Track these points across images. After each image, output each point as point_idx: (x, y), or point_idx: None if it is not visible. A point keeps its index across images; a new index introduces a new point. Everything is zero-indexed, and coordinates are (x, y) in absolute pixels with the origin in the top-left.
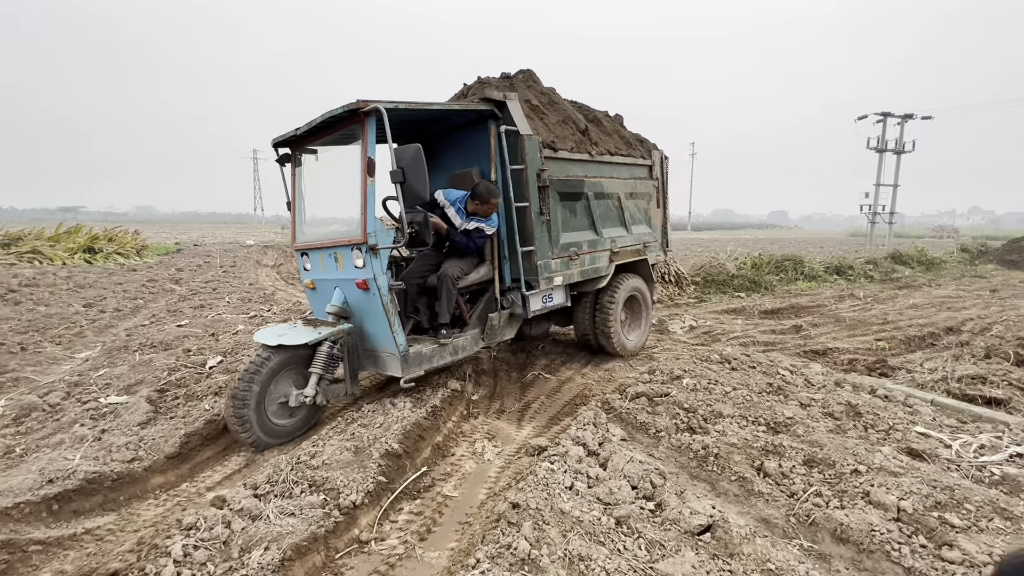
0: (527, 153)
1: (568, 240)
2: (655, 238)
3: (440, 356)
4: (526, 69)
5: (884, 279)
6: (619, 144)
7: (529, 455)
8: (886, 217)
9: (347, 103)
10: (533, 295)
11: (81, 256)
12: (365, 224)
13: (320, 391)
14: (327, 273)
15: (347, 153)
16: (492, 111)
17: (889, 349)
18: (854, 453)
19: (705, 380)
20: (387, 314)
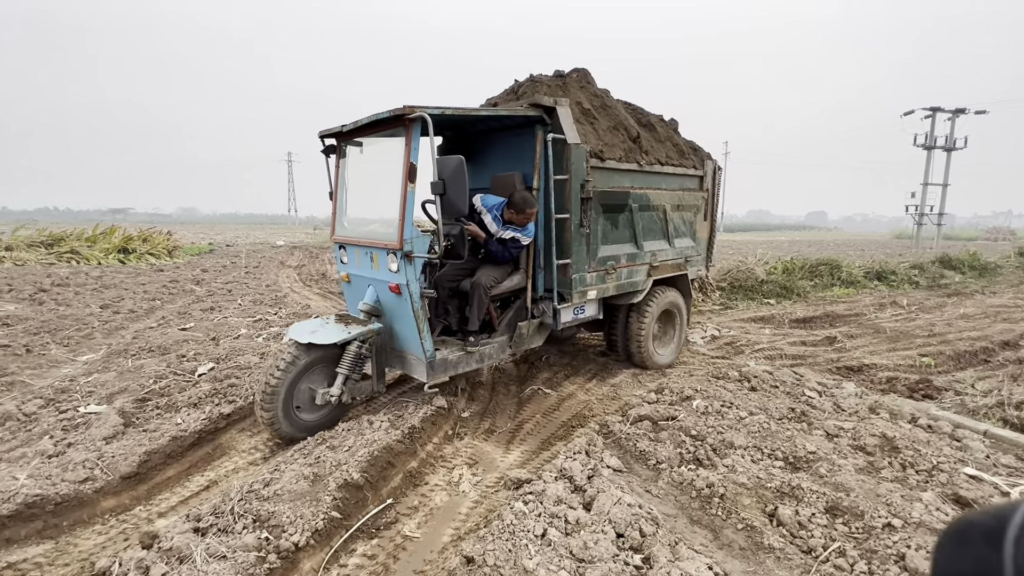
0: (572, 163)
1: (607, 253)
2: (698, 252)
3: (466, 363)
4: (581, 68)
5: (931, 285)
6: (671, 153)
7: (508, 488)
8: (934, 218)
9: (394, 108)
10: (565, 308)
11: (115, 256)
12: (403, 231)
13: (346, 390)
14: (362, 270)
15: (391, 146)
16: (541, 116)
17: (935, 366)
18: (888, 501)
19: (718, 402)
20: (417, 320)
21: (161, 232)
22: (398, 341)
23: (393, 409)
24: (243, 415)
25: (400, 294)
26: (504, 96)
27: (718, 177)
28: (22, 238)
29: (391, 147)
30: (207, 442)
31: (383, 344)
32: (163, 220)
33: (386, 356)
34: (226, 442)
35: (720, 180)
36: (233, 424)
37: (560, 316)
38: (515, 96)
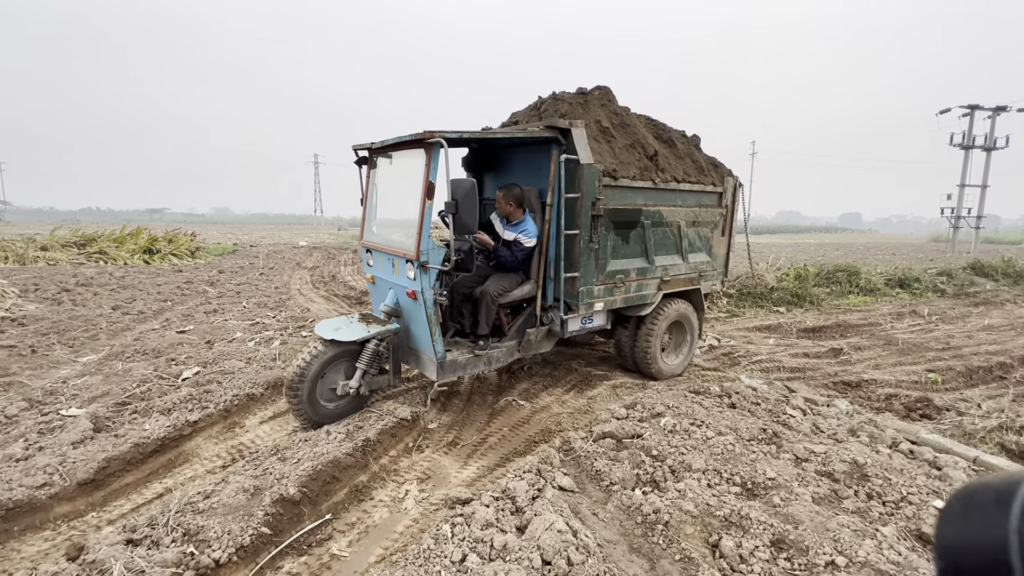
0: (584, 182)
1: (616, 268)
2: (713, 268)
3: (475, 365)
4: (603, 86)
5: (958, 294)
6: (689, 169)
7: (448, 507)
8: (972, 221)
9: (416, 132)
10: (572, 318)
11: (140, 257)
12: (419, 243)
13: (364, 383)
14: (385, 274)
15: (415, 162)
16: (556, 137)
17: (941, 383)
18: (836, 537)
19: (688, 420)
20: (429, 324)
21: (186, 233)
22: (414, 341)
23: (355, 420)
24: (211, 422)
25: (416, 299)
26: (527, 112)
27: (738, 194)
28: (57, 238)
29: (415, 163)
30: (170, 449)
31: (400, 343)
32: (197, 220)
33: (403, 353)
34: (190, 449)
35: (741, 196)
36: (200, 431)
37: (568, 325)
38: (537, 112)
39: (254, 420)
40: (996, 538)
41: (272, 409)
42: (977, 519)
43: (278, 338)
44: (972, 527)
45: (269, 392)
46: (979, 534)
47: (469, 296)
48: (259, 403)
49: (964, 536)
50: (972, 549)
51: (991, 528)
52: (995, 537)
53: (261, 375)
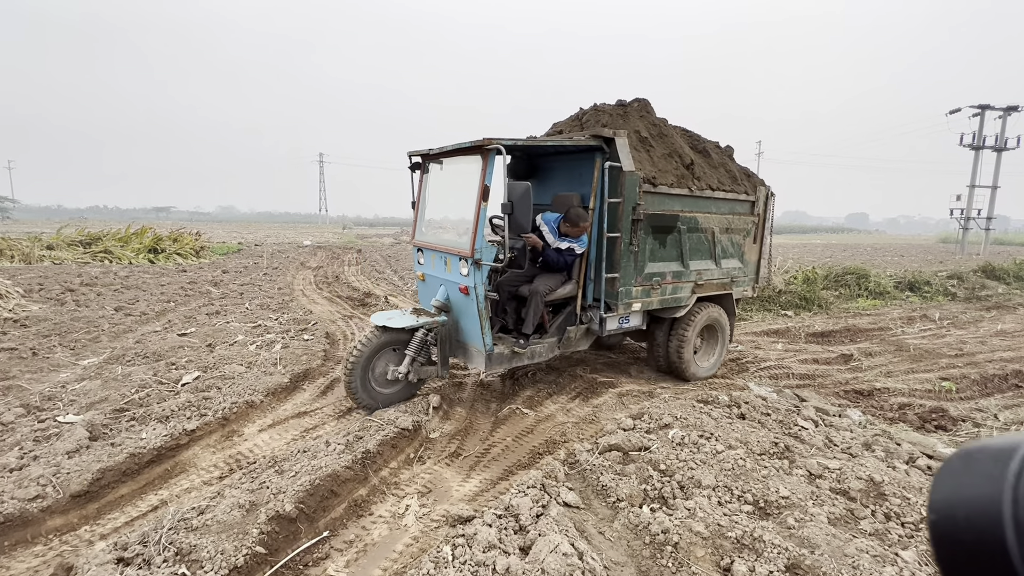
0: (626, 188)
1: (653, 270)
2: (745, 273)
3: (519, 359)
4: (642, 99)
5: (969, 297)
6: (723, 179)
7: (449, 525)
8: (982, 222)
9: (475, 139)
10: (611, 317)
11: (145, 256)
12: (474, 242)
13: (413, 370)
14: (436, 271)
15: (468, 167)
16: (600, 146)
17: (956, 391)
18: (855, 564)
19: (697, 432)
20: (480, 318)
21: (190, 232)
22: (462, 334)
23: (354, 431)
24: (209, 430)
25: (468, 295)
26: (568, 122)
27: (770, 203)
28: (63, 237)
29: (468, 167)
30: (167, 459)
31: (448, 336)
32: (203, 218)
33: (451, 346)
34: (187, 459)
35: (772, 206)
36: (197, 440)
37: (606, 324)
38: (579, 123)
39: (253, 428)
40: (989, 491)
41: (272, 417)
42: (972, 474)
43: (280, 341)
44: (967, 481)
45: (269, 399)
46: (973, 487)
47: (514, 294)
48: (259, 410)
49: (958, 489)
50: (965, 501)
51: (985, 482)
52: (988, 490)
53: (261, 381)
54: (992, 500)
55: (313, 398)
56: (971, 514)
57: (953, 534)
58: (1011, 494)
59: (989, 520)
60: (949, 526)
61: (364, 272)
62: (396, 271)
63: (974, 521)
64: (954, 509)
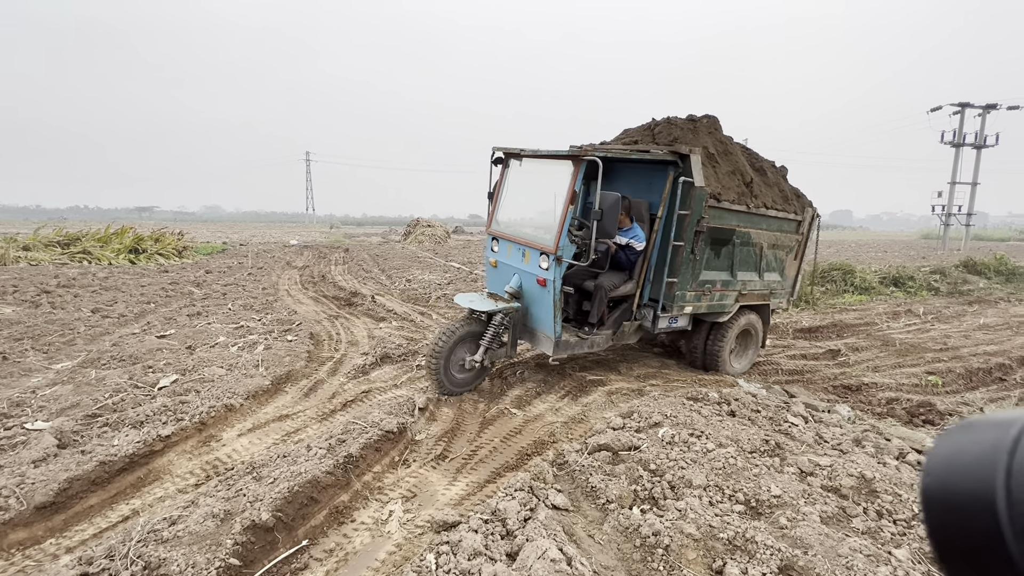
0: (694, 202)
1: (706, 278)
2: (783, 287)
3: (580, 346)
4: (711, 116)
5: (952, 292)
6: (776, 198)
7: (433, 531)
8: (962, 218)
9: (573, 149)
10: (664, 316)
11: (126, 256)
12: (559, 240)
13: (487, 356)
14: (511, 260)
15: (553, 169)
16: (676, 160)
17: (942, 385)
18: (849, 564)
19: (687, 430)
20: (554, 308)
21: (173, 232)
22: (532, 321)
23: (337, 434)
24: (185, 436)
25: (545, 286)
26: (640, 131)
27: (815, 223)
28: (41, 238)
29: (555, 170)
30: (140, 466)
31: (518, 320)
32: (188, 218)
33: (519, 330)
34: (161, 466)
35: (817, 225)
36: (173, 446)
37: (658, 322)
38: (651, 133)
39: (232, 433)
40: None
41: (252, 420)
42: (969, 442)
43: (262, 343)
44: (963, 448)
45: (249, 402)
46: (968, 455)
47: (578, 288)
48: (238, 414)
49: (954, 455)
50: (958, 466)
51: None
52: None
53: (241, 384)
54: (986, 467)
55: (295, 400)
56: (964, 479)
57: (944, 498)
58: (1005, 461)
59: (981, 486)
60: (941, 490)
61: (351, 271)
62: (384, 270)
63: (966, 486)
64: (948, 474)
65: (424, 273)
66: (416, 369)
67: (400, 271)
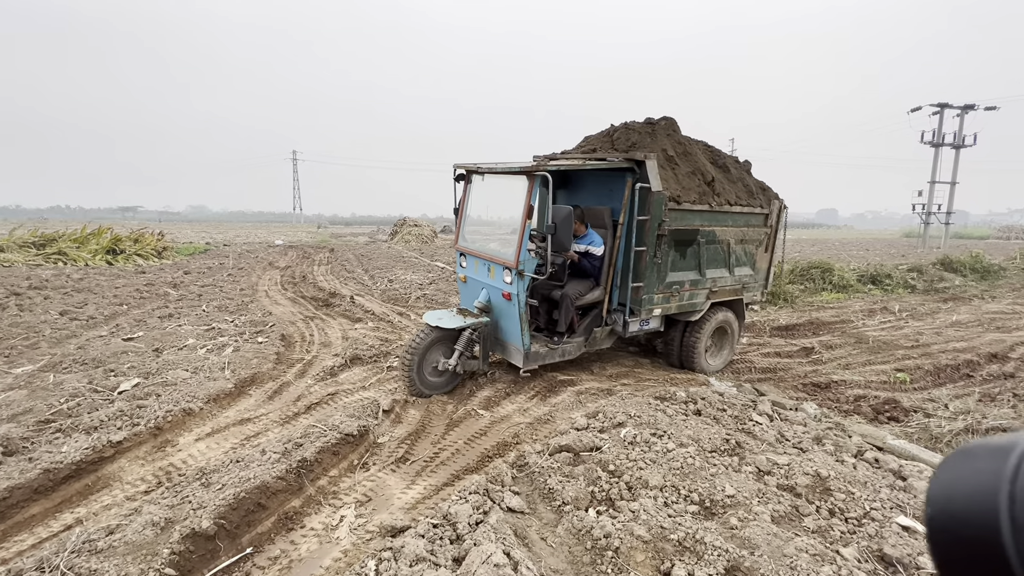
0: (653, 207)
1: (673, 279)
2: (756, 280)
3: (551, 356)
4: (669, 118)
5: (928, 289)
6: (741, 193)
7: (383, 536)
8: (942, 217)
9: (525, 165)
10: (633, 320)
11: (103, 257)
12: (519, 254)
13: (460, 363)
14: (479, 276)
15: (511, 184)
16: (632, 167)
17: (910, 382)
18: (793, 565)
19: (649, 430)
20: (520, 321)
21: (153, 232)
22: (502, 333)
23: (295, 437)
24: (139, 441)
25: (510, 300)
26: (599, 138)
27: (783, 215)
28: (15, 238)
29: (512, 185)
30: (88, 473)
31: (489, 334)
32: (172, 218)
33: (491, 344)
34: (111, 473)
35: (784, 218)
36: (125, 452)
37: (629, 326)
38: (610, 139)
39: (189, 438)
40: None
41: (211, 425)
42: (970, 470)
43: (232, 345)
44: (964, 477)
45: (210, 406)
46: (970, 483)
47: (546, 296)
48: (197, 418)
49: (955, 484)
50: (961, 496)
51: (983, 478)
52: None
53: (204, 387)
54: (989, 496)
55: (259, 404)
56: (967, 509)
57: (949, 528)
58: (1007, 490)
59: (985, 515)
60: (945, 520)
61: (334, 272)
62: (367, 270)
63: (970, 516)
64: (951, 503)
65: (407, 273)
66: (387, 371)
67: (383, 271)
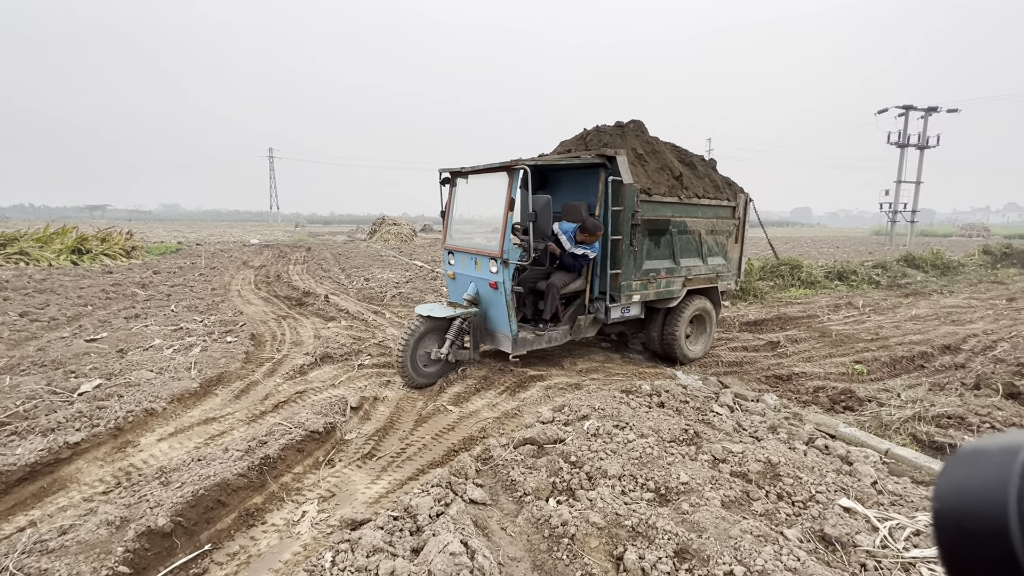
0: (626, 198)
1: (649, 267)
2: (728, 270)
3: (538, 342)
4: (637, 120)
5: (891, 285)
6: (708, 187)
7: (343, 529)
8: (908, 215)
9: (505, 161)
10: (614, 307)
11: (67, 257)
12: (503, 244)
13: (451, 352)
14: (467, 270)
15: (493, 182)
16: (604, 163)
17: (867, 373)
18: (737, 545)
19: (612, 422)
20: (508, 308)
21: (121, 231)
22: (491, 323)
23: (260, 435)
24: (98, 442)
25: (497, 289)
26: (574, 141)
27: (749, 208)
28: None
29: (494, 183)
30: (43, 476)
31: (479, 324)
32: (144, 217)
33: (481, 334)
34: (68, 475)
35: (751, 210)
36: (83, 453)
37: (610, 313)
38: (583, 142)
39: (151, 438)
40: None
41: (175, 424)
42: (979, 466)
43: (200, 344)
44: (973, 473)
45: (174, 406)
46: (978, 479)
47: (532, 289)
48: (160, 418)
49: (963, 480)
50: (970, 492)
51: (991, 474)
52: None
53: (167, 387)
54: (997, 492)
55: (225, 403)
56: (975, 505)
57: (957, 523)
58: (1017, 485)
59: (994, 511)
60: (953, 515)
61: (309, 271)
62: (344, 269)
63: (978, 511)
64: (959, 499)
65: (384, 272)
66: (358, 368)
67: (360, 270)
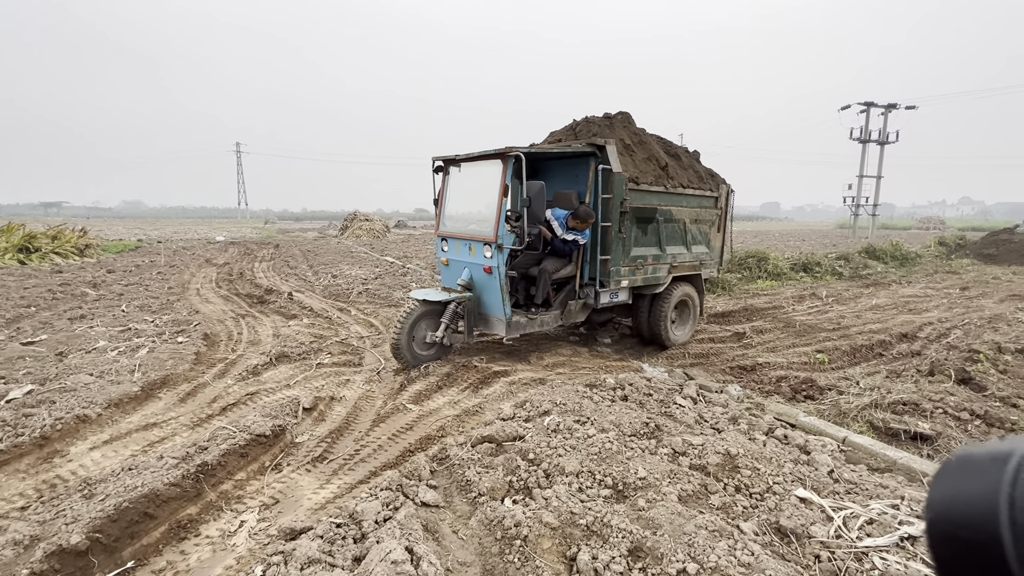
0: (615, 186)
1: (637, 253)
2: (711, 258)
3: (531, 325)
4: (625, 112)
5: (853, 276)
6: (692, 178)
7: (282, 539)
8: (869, 209)
9: (499, 148)
10: (603, 292)
11: (14, 256)
12: (497, 229)
13: (446, 336)
14: (461, 256)
15: (486, 170)
16: (594, 152)
17: (828, 362)
18: (691, 542)
19: (573, 417)
20: (501, 292)
21: (74, 229)
22: (484, 307)
23: (201, 441)
24: (20, 453)
25: (491, 273)
26: (564, 131)
27: (731, 198)
28: None
29: (487, 171)
30: None
31: (472, 309)
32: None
33: (475, 318)
34: None
35: (732, 201)
36: (2, 465)
37: (600, 298)
38: (573, 132)
39: (83, 447)
40: (986, 492)
41: (110, 431)
42: (970, 475)
43: (147, 346)
44: (964, 482)
45: (111, 412)
46: (970, 488)
47: (524, 275)
48: (93, 425)
49: (955, 490)
50: (962, 501)
51: (982, 483)
52: (985, 491)
53: (104, 392)
54: (989, 500)
55: (168, 407)
56: (968, 513)
57: (950, 532)
58: (1008, 493)
59: (986, 519)
60: (946, 525)
61: (275, 268)
62: (312, 266)
63: (971, 520)
64: (951, 508)
65: (353, 268)
66: (316, 368)
67: (328, 267)
